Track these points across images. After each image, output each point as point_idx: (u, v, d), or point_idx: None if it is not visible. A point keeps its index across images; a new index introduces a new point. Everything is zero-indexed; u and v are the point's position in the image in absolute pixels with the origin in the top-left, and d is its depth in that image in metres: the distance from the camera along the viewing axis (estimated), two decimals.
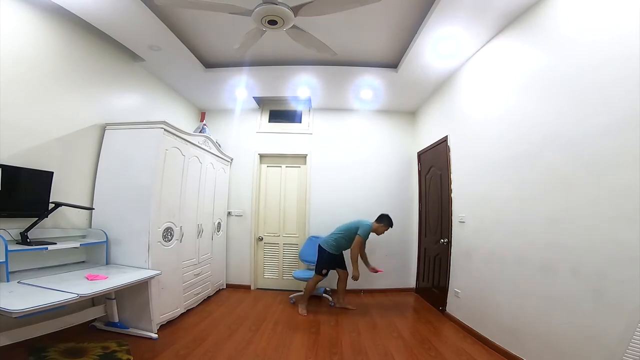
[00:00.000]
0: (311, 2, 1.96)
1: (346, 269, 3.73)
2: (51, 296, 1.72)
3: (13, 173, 2.08)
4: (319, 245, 3.63)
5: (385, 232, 3.63)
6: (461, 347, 2.62)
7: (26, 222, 2.15)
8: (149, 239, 2.64)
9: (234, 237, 4.51)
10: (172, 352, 2.37)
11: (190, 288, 3.33)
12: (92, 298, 2.40)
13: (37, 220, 2.19)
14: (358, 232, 3.44)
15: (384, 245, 4.47)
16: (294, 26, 2.19)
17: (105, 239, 2.64)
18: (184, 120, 4.40)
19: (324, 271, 3.50)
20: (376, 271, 3.62)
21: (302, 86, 4.02)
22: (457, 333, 2.94)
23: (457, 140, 3.40)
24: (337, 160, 4.62)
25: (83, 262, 2.67)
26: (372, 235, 3.60)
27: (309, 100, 4.55)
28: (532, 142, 2.25)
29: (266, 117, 4.84)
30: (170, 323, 2.90)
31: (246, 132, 4.73)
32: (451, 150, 3.49)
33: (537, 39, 2.25)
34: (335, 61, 3.40)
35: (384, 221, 3.59)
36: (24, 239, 2.10)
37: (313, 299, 3.77)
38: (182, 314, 3.12)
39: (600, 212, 1.70)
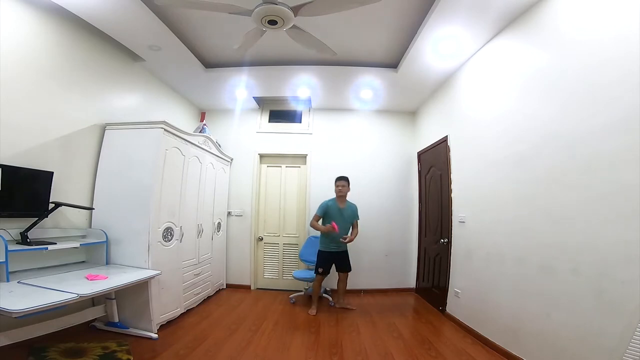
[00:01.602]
0: (311, 2, 1.96)
1: (347, 270, 3.72)
2: (51, 296, 1.72)
3: (13, 173, 2.08)
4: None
5: (342, 185, 3.64)
6: (461, 347, 2.62)
7: (26, 222, 2.15)
8: (149, 239, 2.64)
9: (234, 237, 4.51)
10: (172, 352, 2.37)
11: (190, 288, 3.33)
12: (92, 298, 2.40)
13: (37, 220, 2.19)
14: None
15: (384, 245, 4.47)
16: (294, 26, 2.19)
17: (105, 239, 2.64)
18: (184, 120, 4.40)
19: (319, 269, 3.49)
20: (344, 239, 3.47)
21: (302, 86, 4.02)
22: (457, 333, 2.94)
23: (457, 140, 3.40)
24: (337, 160, 4.61)
25: (83, 262, 2.67)
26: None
27: (309, 100, 4.55)
28: (532, 142, 2.25)
29: (266, 117, 4.84)
30: (170, 323, 2.90)
31: (246, 132, 4.73)
32: (451, 150, 3.49)
33: (537, 39, 2.25)
34: (335, 61, 3.40)
35: (334, 182, 3.67)
36: (24, 239, 2.10)
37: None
38: (182, 314, 3.12)
39: (601, 211, 1.70)
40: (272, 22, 2.09)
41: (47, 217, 2.30)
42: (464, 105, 3.28)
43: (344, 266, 3.67)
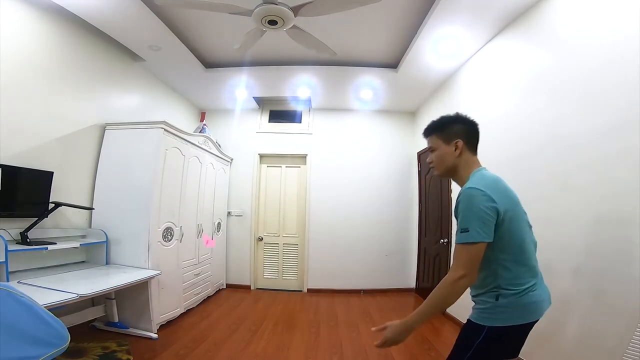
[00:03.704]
0: (311, 2, 1.96)
1: None
2: (51, 296, 1.72)
3: (13, 173, 2.08)
4: None
5: None
6: None
7: (26, 222, 2.15)
8: (148, 239, 2.64)
9: (234, 237, 4.51)
10: (172, 352, 2.37)
11: (190, 288, 3.33)
12: (92, 298, 2.39)
13: (37, 220, 2.19)
14: None
15: (384, 245, 4.47)
16: (294, 26, 2.19)
17: (105, 239, 2.64)
18: (184, 120, 4.40)
19: None
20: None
21: (302, 86, 4.01)
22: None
23: None
24: (337, 160, 4.62)
25: (83, 262, 2.67)
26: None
27: (309, 100, 4.55)
28: (532, 143, 2.25)
29: (266, 117, 4.84)
30: (170, 323, 2.90)
31: (246, 132, 4.73)
32: None
33: (537, 39, 2.25)
34: (335, 61, 3.40)
35: None
36: (24, 239, 2.10)
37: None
38: (182, 314, 3.12)
39: (601, 212, 1.70)
40: (272, 22, 2.09)
41: (47, 217, 2.29)
42: (464, 106, 3.27)
43: None
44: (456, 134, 1.25)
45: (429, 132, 1.30)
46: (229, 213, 4.51)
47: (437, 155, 1.28)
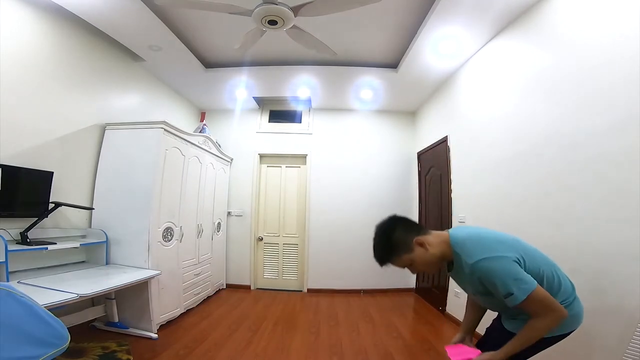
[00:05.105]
0: (311, 2, 1.96)
1: None
2: (51, 296, 1.72)
3: (13, 173, 2.08)
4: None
5: None
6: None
7: (26, 222, 2.15)
8: (148, 239, 2.64)
9: (234, 237, 4.51)
10: (172, 352, 2.37)
11: (190, 288, 3.33)
12: (92, 298, 2.39)
13: (37, 220, 2.19)
14: None
15: None
16: (294, 26, 2.19)
17: (105, 239, 2.64)
18: (184, 120, 4.40)
19: None
20: None
21: (302, 86, 4.02)
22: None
23: (457, 140, 3.40)
24: (337, 160, 4.62)
25: (83, 262, 2.67)
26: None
27: (309, 100, 4.55)
28: (532, 143, 2.25)
29: (266, 117, 4.84)
30: (170, 323, 2.90)
31: (246, 132, 4.73)
32: (451, 150, 3.49)
33: (537, 39, 2.25)
34: (335, 61, 3.40)
35: None
36: (24, 239, 2.10)
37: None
38: (182, 314, 3.12)
39: (601, 212, 1.70)
40: (272, 22, 2.09)
41: (47, 217, 2.29)
42: (464, 106, 3.28)
43: None
44: (406, 238, 1.19)
45: (387, 258, 1.21)
46: (229, 213, 4.51)
47: (417, 265, 1.21)
